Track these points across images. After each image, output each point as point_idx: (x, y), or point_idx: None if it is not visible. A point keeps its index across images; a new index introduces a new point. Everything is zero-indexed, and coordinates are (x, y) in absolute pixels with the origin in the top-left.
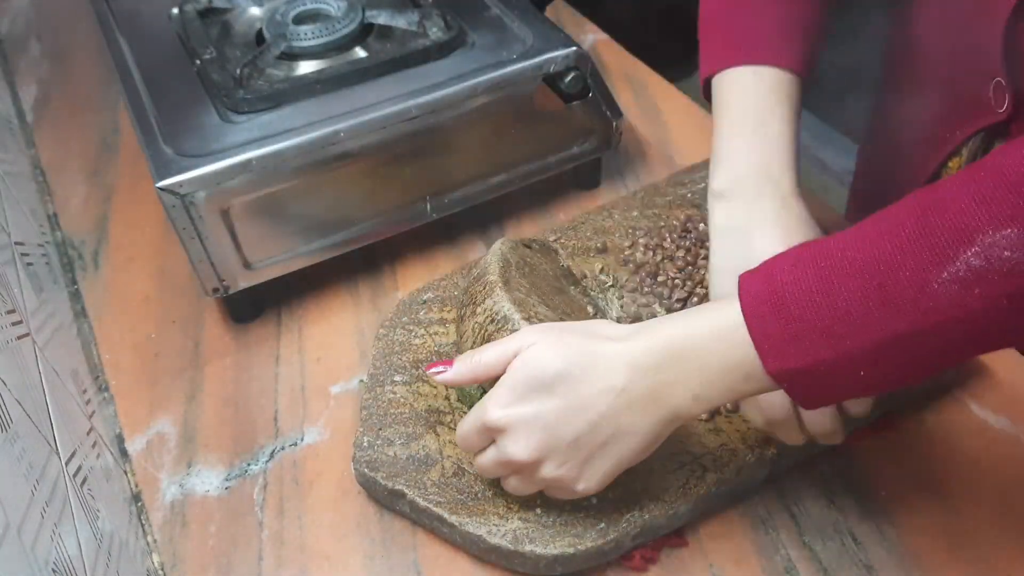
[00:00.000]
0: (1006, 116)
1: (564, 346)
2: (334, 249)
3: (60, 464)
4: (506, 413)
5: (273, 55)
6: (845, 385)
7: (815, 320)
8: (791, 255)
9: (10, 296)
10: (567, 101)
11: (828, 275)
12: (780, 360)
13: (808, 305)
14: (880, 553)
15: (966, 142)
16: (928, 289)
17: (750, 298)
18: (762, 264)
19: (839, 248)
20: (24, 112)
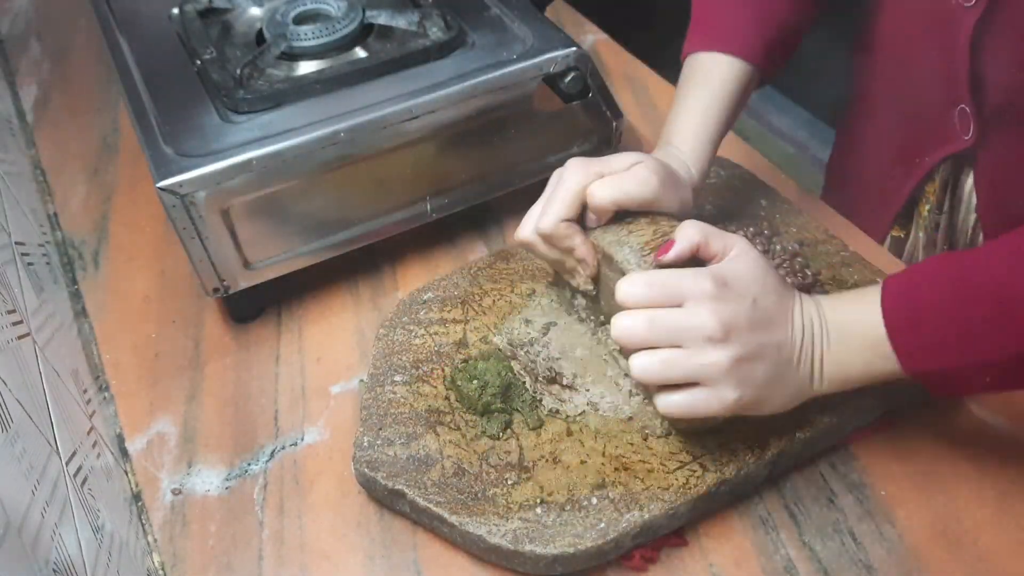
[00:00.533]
0: (972, 143)
1: (775, 274)
2: (334, 249)
3: (60, 464)
4: (717, 283)
5: (273, 55)
6: (972, 385)
7: (948, 334)
8: (931, 268)
9: (10, 296)
10: (567, 101)
11: (963, 294)
12: (914, 363)
13: (944, 320)
14: (880, 553)
15: (937, 168)
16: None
17: (893, 309)
18: (906, 273)
19: (977, 267)
20: (24, 112)
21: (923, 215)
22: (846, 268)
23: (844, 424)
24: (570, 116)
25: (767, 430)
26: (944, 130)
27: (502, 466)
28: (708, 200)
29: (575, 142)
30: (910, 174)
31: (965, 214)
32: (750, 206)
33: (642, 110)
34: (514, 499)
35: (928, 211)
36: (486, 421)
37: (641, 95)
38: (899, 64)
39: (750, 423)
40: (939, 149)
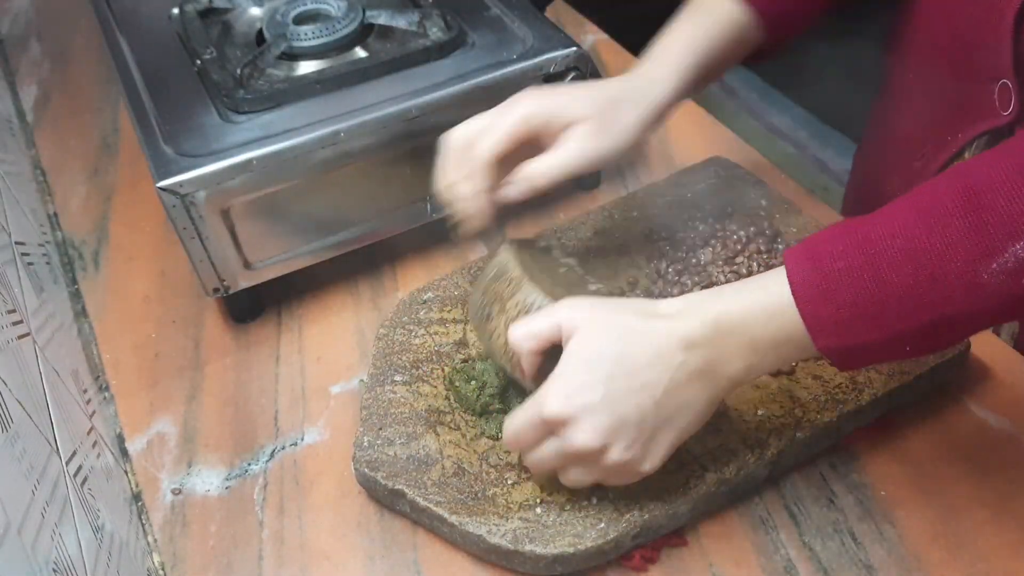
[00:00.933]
0: (1011, 118)
1: (617, 326)
2: (334, 249)
3: (60, 464)
4: (569, 403)
5: (273, 55)
6: (887, 355)
7: (866, 306)
8: (837, 238)
9: (10, 296)
10: None
11: (876, 262)
12: (831, 339)
13: (859, 292)
14: (880, 553)
15: (969, 145)
16: (977, 280)
17: (800, 282)
18: (806, 243)
19: (887, 234)
20: (24, 112)
21: None
22: None
23: (844, 424)
24: None
25: (767, 430)
26: (982, 106)
27: (502, 466)
28: (708, 200)
29: None
30: (940, 152)
31: None
32: (750, 206)
33: None
34: (514, 499)
35: None
36: (485, 422)
37: None
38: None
39: (750, 423)
40: (975, 125)
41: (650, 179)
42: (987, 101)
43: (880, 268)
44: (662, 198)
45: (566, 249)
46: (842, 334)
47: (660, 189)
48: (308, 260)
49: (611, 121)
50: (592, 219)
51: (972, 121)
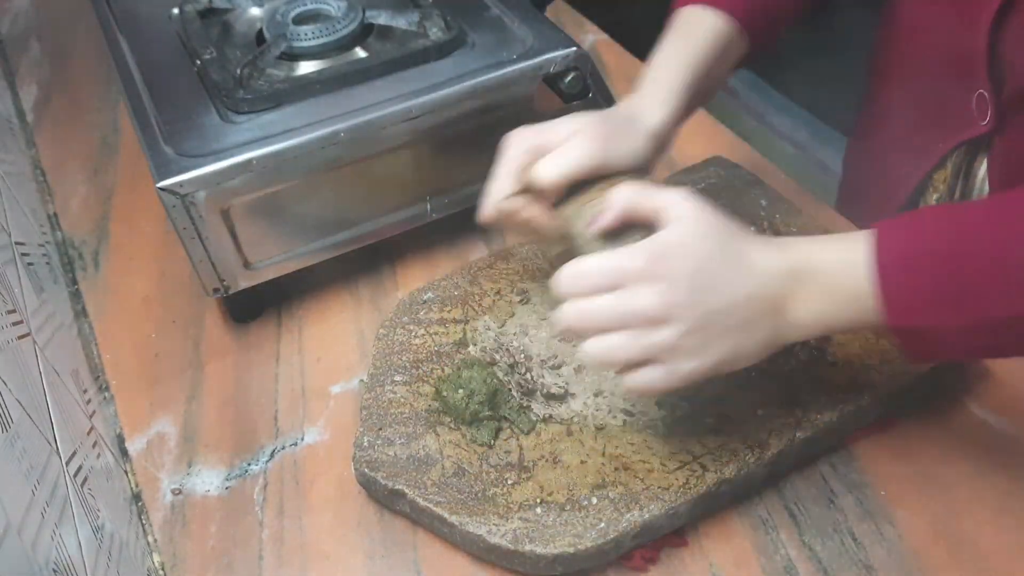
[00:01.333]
0: (989, 129)
1: (721, 228)
2: (334, 249)
3: (60, 464)
4: (651, 261)
5: (273, 55)
6: (955, 349)
7: (944, 290)
8: (930, 220)
9: (10, 296)
10: (567, 101)
11: (963, 249)
12: (902, 318)
13: (940, 274)
14: (880, 553)
15: (950, 154)
16: None
17: (886, 250)
18: (903, 218)
19: (979, 221)
20: (24, 112)
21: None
22: None
23: (844, 424)
24: None
25: (767, 430)
26: (961, 116)
27: (502, 466)
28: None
29: None
30: (922, 161)
31: None
32: (750, 206)
33: None
34: (514, 499)
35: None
36: (476, 430)
37: None
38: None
39: (750, 423)
40: (955, 135)
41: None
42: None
43: (964, 255)
44: None
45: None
46: (913, 314)
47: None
48: (308, 260)
49: (615, 141)
50: None
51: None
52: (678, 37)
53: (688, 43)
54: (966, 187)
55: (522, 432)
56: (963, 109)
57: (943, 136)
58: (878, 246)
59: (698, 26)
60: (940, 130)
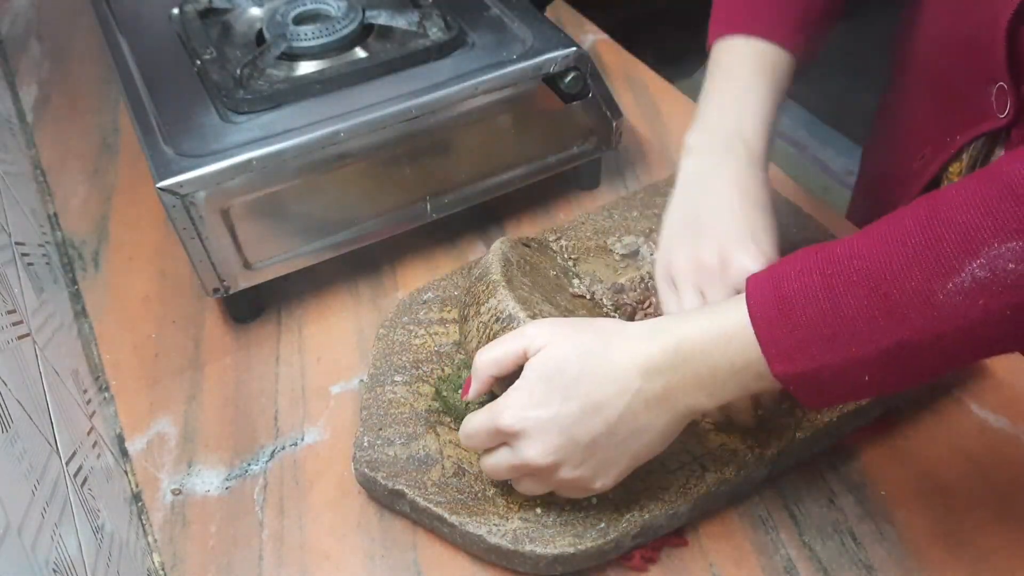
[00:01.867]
0: (1007, 121)
1: (578, 346)
2: (334, 249)
3: (60, 464)
4: (523, 416)
5: (273, 55)
6: (849, 388)
7: (821, 327)
8: (798, 261)
9: (10, 296)
10: (567, 101)
11: (834, 283)
12: (786, 364)
13: (814, 313)
14: (880, 553)
15: (967, 147)
16: (933, 300)
17: (757, 303)
18: (769, 269)
19: (845, 255)
20: (24, 112)
21: None
22: None
23: (844, 424)
24: (570, 116)
25: (767, 430)
26: (979, 108)
27: None
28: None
29: (575, 142)
30: (939, 153)
31: None
32: None
33: (642, 110)
34: (514, 499)
35: None
36: None
37: (641, 95)
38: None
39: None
40: (973, 128)
41: (650, 179)
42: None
43: (836, 288)
44: (662, 198)
45: (564, 248)
46: (796, 358)
47: (660, 189)
48: (308, 260)
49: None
50: (592, 219)
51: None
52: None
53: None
54: None
55: None
56: (981, 101)
57: (960, 128)
58: (748, 300)
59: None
60: (957, 122)
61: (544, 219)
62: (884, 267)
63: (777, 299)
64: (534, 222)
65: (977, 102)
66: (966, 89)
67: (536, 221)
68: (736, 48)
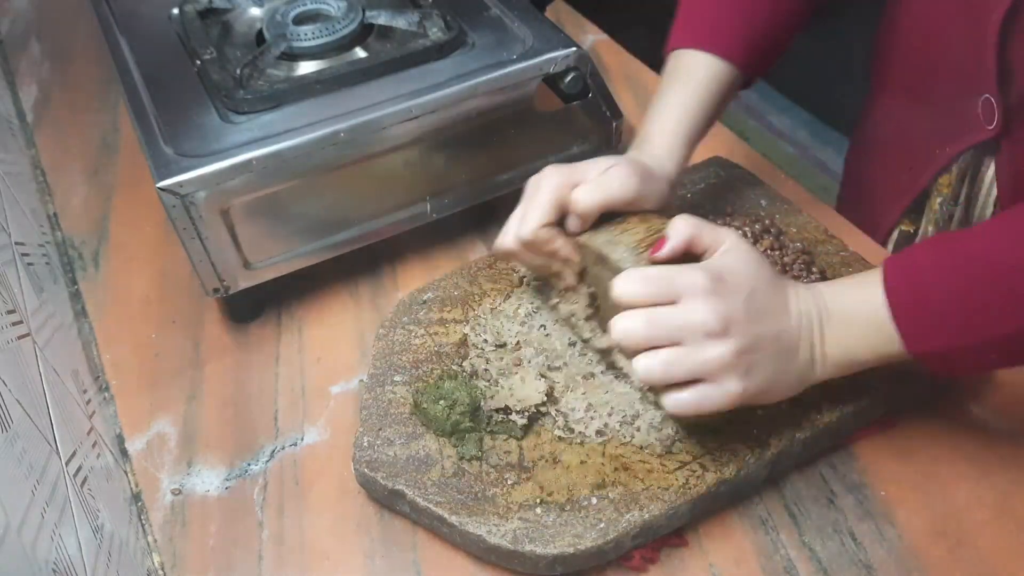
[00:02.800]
0: (996, 133)
1: (766, 264)
2: (334, 249)
3: (60, 464)
4: (711, 278)
5: (273, 55)
6: (976, 364)
7: (954, 316)
8: (932, 251)
9: (10, 296)
10: (567, 101)
11: (967, 277)
12: (921, 344)
13: (948, 303)
14: (880, 553)
15: (956, 159)
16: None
17: (894, 287)
18: (905, 254)
19: (978, 252)
20: (24, 112)
21: (934, 208)
22: (846, 268)
23: (844, 424)
24: (570, 116)
25: (767, 430)
26: (967, 120)
27: (502, 466)
28: (708, 200)
29: (575, 142)
30: (928, 165)
31: (983, 205)
32: (750, 206)
33: (642, 110)
34: (514, 499)
35: (940, 204)
36: (460, 443)
37: (641, 95)
38: (923, 54)
39: (750, 423)
40: (961, 140)
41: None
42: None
43: (968, 282)
44: None
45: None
46: (931, 340)
47: None
48: (308, 260)
49: (648, 180)
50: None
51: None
52: (681, 86)
53: (691, 92)
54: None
55: (516, 439)
56: (969, 113)
57: (948, 140)
58: (886, 285)
59: (698, 73)
60: (945, 134)
61: None
62: (1008, 260)
63: (911, 283)
64: None
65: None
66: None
67: None
68: (677, 59)
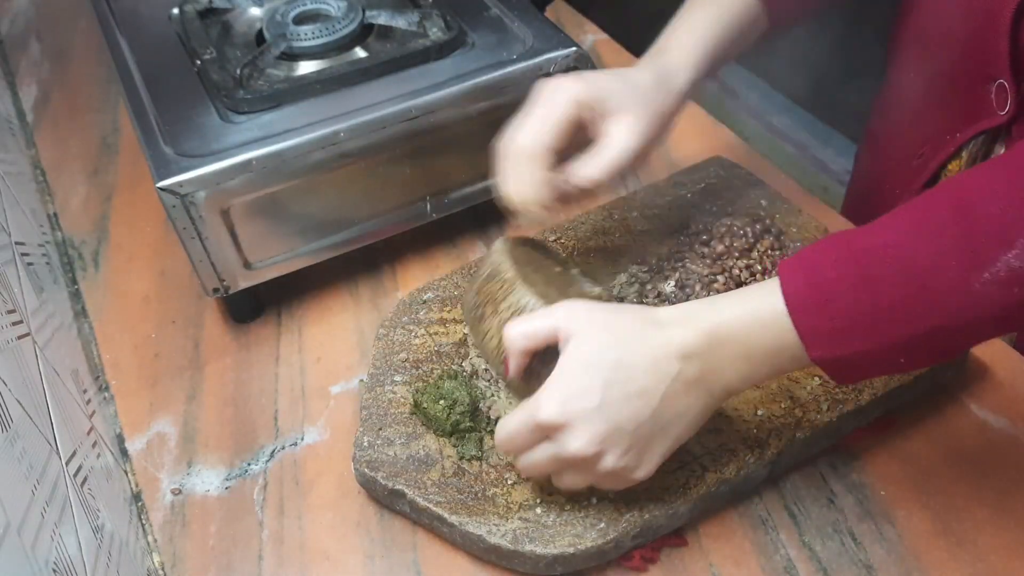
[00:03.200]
0: (1008, 118)
1: (615, 330)
2: (334, 249)
3: (60, 464)
4: (565, 409)
5: (273, 55)
6: (883, 367)
7: (859, 317)
8: (830, 249)
9: (10, 296)
10: None
11: (870, 274)
12: (824, 350)
13: (853, 304)
14: (880, 553)
15: (966, 144)
16: (970, 290)
17: (793, 291)
18: (801, 256)
19: (879, 246)
20: (24, 112)
21: None
22: None
23: (844, 424)
24: None
25: (767, 430)
26: (980, 106)
27: (502, 466)
28: (708, 200)
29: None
30: (938, 151)
31: None
32: (750, 206)
33: None
34: (514, 499)
35: None
36: (460, 443)
37: None
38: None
39: (750, 423)
40: (973, 125)
41: (650, 179)
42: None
43: (872, 279)
44: (662, 198)
45: (564, 248)
46: (835, 344)
47: (660, 189)
48: (308, 260)
49: (651, 112)
50: (592, 219)
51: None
52: (706, 5)
53: (715, 11)
54: None
55: None
56: (981, 98)
57: (960, 125)
58: (784, 287)
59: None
60: (957, 119)
61: None
62: (919, 259)
63: (814, 290)
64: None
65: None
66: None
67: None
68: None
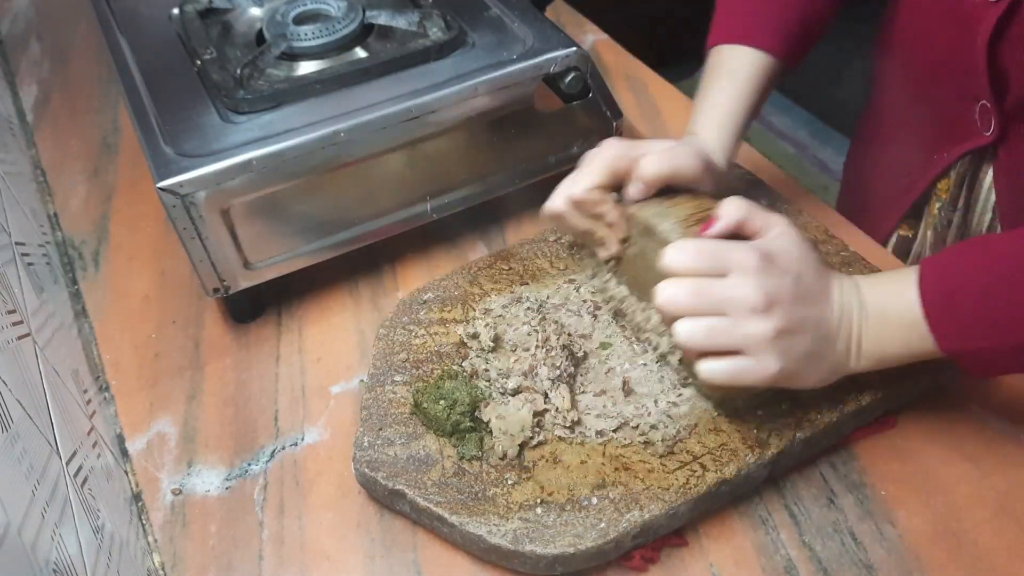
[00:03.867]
0: (993, 139)
1: (814, 252)
2: (334, 249)
3: (60, 464)
4: (762, 256)
5: (273, 55)
6: (1010, 365)
7: (988, 317)
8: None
9: (11, 296)
10: (567, 101)
11: (1000, 275)
12: (954, 344)
13: (983, 303)
14: (880, 553)
15: (954, 164)
16: None
17: (930, 289)
18: (942, 254)
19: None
20: (24, 112)
21: (933, 213)
22: (846, 268)
23: (844, 424)
24: (570, 116)
25: (767, 430)
26: (964, 126)
27: (502, 466)
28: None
29: (575, 142)
30: (926, 171)
31: (981, 211)
32: None
33: (642, 110)
34: (514, 499)
35: (939, 209)
36: (460, 443)
37: (641, 95)
38: (919, 61)
39: (750, 423)
40: (958, 145)
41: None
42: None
43: (1002, 280)
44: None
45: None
46: (965, 340)
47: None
48: (308, 260)
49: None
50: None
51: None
52: (726, 81)
53: (736, 88)
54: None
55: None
56: (966, 119)
57: (946, 146)
58: (921, 284)
59: (742, 68)
60: (943, 140)
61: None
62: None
63: (945, 285)
64: (534, 222)
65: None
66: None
67: (536, 221)
68: (719, 54)
